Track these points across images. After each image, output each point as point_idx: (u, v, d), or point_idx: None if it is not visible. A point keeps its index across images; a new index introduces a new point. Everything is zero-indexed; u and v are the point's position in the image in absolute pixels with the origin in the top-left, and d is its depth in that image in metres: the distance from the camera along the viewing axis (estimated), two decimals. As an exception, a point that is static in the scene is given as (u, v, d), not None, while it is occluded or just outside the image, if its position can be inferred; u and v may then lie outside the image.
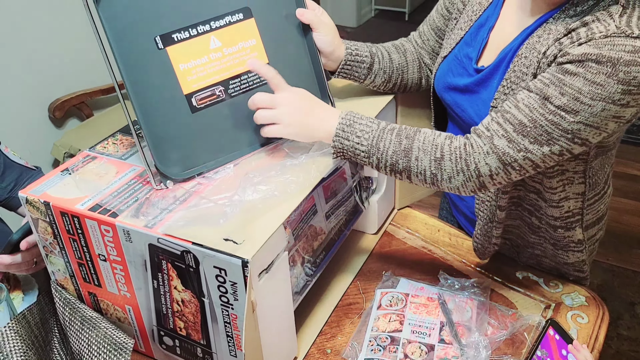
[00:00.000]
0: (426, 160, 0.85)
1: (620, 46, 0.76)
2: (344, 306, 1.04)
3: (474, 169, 0.84)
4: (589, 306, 1.01)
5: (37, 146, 2.25)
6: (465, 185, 0.86)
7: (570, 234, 1.00)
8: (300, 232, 0.94)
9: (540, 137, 0.81)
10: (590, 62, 0.77)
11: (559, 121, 0.79)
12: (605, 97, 0.77)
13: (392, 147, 0.86)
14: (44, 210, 0.85)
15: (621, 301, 2.15)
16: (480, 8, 0.99)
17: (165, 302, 0.84)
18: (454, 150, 0.84)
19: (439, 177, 0.86)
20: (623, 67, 0.75)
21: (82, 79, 2.34)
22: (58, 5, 2.18)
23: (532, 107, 0.81)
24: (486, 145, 0.83)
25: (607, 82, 0.76)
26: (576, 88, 0.78)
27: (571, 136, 0.80)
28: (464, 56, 1.00)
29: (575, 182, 0.95)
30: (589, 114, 0.78)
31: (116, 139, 0.99)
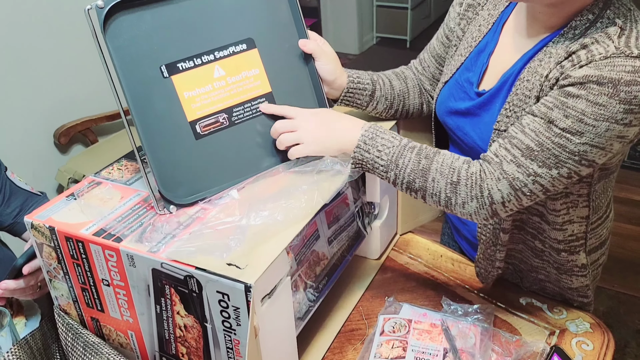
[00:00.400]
0: (442, 183, 0.86)
1: (620, 66, 0.77)
2: (347, 332, 1.03)
3: (487, 196, 0.85)
4: (594, 333, 1.00)
5: (42, 172, 2.27)
6: (478, 212, 0.86)
7: (573, 257, 1.00)
8: (302, 258, 0.95)
9: (548, 161, 0.82)
10: (592, 84, 0.78)
11: (565, 143, 0.81)
12: (609, 117, 0.78)
13: (411, 165, 0.87)
14: (49, 235, 0.86)
15: (628, 328, 2.13)
16: (480, 34, 1.01)
17: (168, 327, 0.84)
18: (470, 175, 0.85)
19: (453, 201, 0.86)
20: (624, 87, 0.77)
21: (88, 105, 2.37)
22: (64, 31, 2.22)
23: (538, 131, 0.82)
24: (496, 171, 0.84)
25: (609, 102, 0.78)
26: (579, 110, 0.79)
27: (578, 158, 0.81)
28: (465, 81, 1.01)
29: (579, 206, 0.95)
30: (594, 134, 0.79)
31: (121, 165, 1.00)
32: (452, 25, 1.08)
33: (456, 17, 1.07)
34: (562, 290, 1.07)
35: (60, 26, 2.20)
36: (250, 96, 0.93)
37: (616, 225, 1.09)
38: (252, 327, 0.74)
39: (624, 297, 2.26)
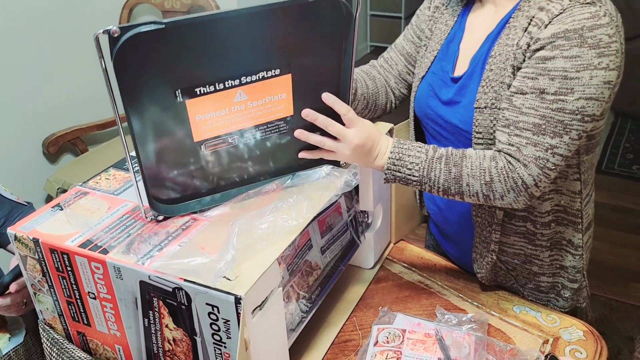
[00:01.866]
0: (477, 185, 0.90)
1: (579, 15, 0.84)
2: (340, 343, 1.01)
3: (521, 184, 0.88)
4: (587, 340, 1.00)
5: (30, 182, 2.24)
6: (517, 200, 0.90)
7: (561, 229, 1.04)
8: (295, 268, 0.93)
9: (557, 129, 0.86)
10: (560, 40, 0.84)
11: (562, 106, 0.85)
12: (587, 64, 0.83)
13: (443, 175, 0.91)
14: (33, 247, 0.84)
15: (620, 335, 2.12)
16: (447, 28, 1.07)
17: (156, 341, 0.82)
18: (501, 171, 0.89)
19: (492, 197, 0.90)
20: (588, 33, 0.83)
21: (77, 114, 2.35)
22: (54, 40, 2.21)
23: (535, 106, 0.87)
24: (520, 159, 0.88)
25: (581, 51, 0.83)
26: (560, 68, 0.84)
27: (580, 116, 0.86)
28: (440, 70, 1.06)
29: (569, 178, 0.99)
30: (582, 86, 0.84)
31: (109, 174, 0.98)
32: (424, 26, 1.13)
33: (428, 21, 1.13)
34: (553, 277, 1.07)
35: (49, 35, 2.18)
36: (268, 119, 0.87)
37: (607, 232, 1.11)
38: (243, 340, 0.73)
39: (616, 304, 2.26)
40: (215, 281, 0.72)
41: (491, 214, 1.03)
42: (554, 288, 1.09)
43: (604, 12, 0.84)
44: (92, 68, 2.38)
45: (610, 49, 0.84)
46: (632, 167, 3.11)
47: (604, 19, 0.83)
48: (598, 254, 1.17)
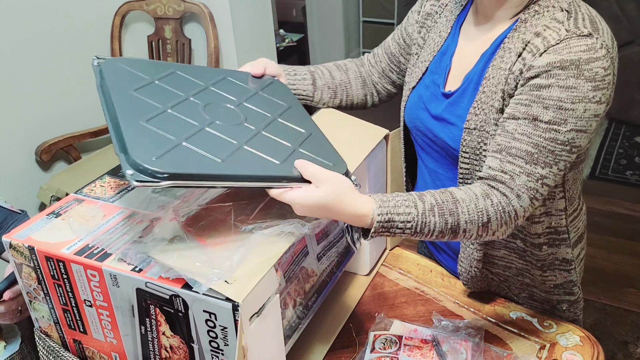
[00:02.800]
0: (475, 229, 0.86)
1: (576, 47, 0.83)
2: (337, 350, 1.01)
3: (514, 217, 0.87)
4: (584, 346, 1.00)
5: (24, 190, 2.23)
6: (505, 232, 0.88)
7: (553, 251, 1.03)
8: (291, 275, 0.93)
9: (548, 159, 0.85)
10: (556, 70, 0.83)
11: (555, 136, 0.84)
12: (582, 97, 0.82)
13: (439, 227, 0.85)
14: (28, 255, 0.83)
15: (615, 340, 2.13)
16: (441, 39, 1.06)
17: (153, 348, 0.81)
18: (497, 209, 0.86)
19: (484, 235, 0.88)
20: (585, 66, 0.82)
21: (70, 122, 2.34)
22: (46, 48, 2.20)
23: (528, 134, 0.85)
24: (514, 188, 0.86)
25: (578, 83, 0.82)
26: (555, 98, 0.83)
27: (569, 147, 0.85)
28: (432, 82, 1.05)
29: (556, 198, 0.98)
30: (575, 118, 0.83)
31: (104, 182, 0.98)
32: (411, 31, 1.13)
33: (415, 25, 1.12)
34: (548, 294, 1.07)
35: (41, 43, 2.18)
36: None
37: (601, 238, 1.11)
38: (241, 347, 0.72)
39: (610, 309, 2.26)
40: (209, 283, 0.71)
41: None
42: (549, 301, 1.09)
43: (600, 44, 0.83)
44: (84, 76, 2.38)
45: (604, 82, 0.83)
46: (625, 172, 3.13)
47: (600, 51, 0.82)
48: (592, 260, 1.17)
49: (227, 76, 1.00)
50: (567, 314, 1.09)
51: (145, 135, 0.76)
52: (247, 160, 0.79)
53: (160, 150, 0.73)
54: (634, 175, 3.11)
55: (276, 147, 0.85)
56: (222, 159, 0.77)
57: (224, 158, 0.77)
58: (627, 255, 2.55)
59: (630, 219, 2.80)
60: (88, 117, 2.42)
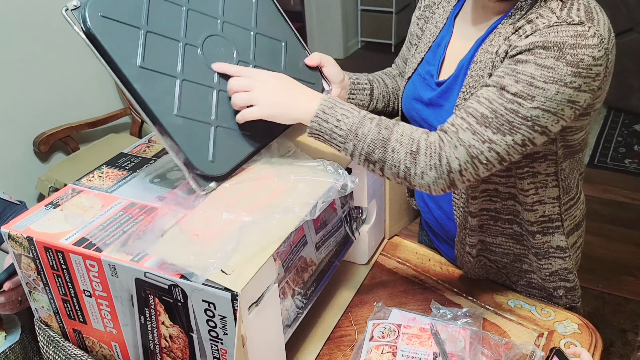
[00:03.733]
0: (402, 153, 0.85)
1: (564, 32, 0.81)
2: (336, 339, 1.02)
3: (445, 164, 0.84)
4: (582, 333, 1.00)
5: (22, 181, 2.23)
6: (436, 182, 0.86)
7: (547, 239, 1.03)
8: (290, 264, 0.93)
9: (502, 127, 0.83)
10: (538, 49, 0.82)
11: (517, 108, 0.82)
12: (557, 79, 0.81)
13: (371, 135, 0.85)
14: (27, 246, 0.83)
15: (613, 328, 2.14)
16: (436, 30, 1.06)
17: (153, 338, 0.82)
18: (429, 144, 0.85)
19: (412, 171, 0.85)
20: (569, 50, 0.80)
21: (68, 112, 2.34)
22: (44, 38, 2.19)
23: (491, 99, 0.84)
24: (453, 139, 0.84)
25: (557, 64, 0.80)
26: (529, 74, 0.82)
27: (531, 123, 0.83)
28: (426, 73, 1.05)
29: (549, 186, 0.98)
30: (544, 97, 0.81)
31: (102, 172, 0.98)
32: (413, 29, 1.14)
33: (417, 21, 1.13)
34: (545, 281, 1.08)
35: (39, 33, 2.17)
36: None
37: (600, 227, 1.11)
38: (240, 336, 0.73)
39: (609, 297, 2.27)
40: (206, 274, 0.71)
41: (465, 218, 1.03)
42: (546, 289, 1.09)
43: (592, 33, 0.81)
44: (82, 66, 2.37)
45: (590, 72, 0.81)
46: (624, 160, 3.13)
47: (591, 39, 0.80)
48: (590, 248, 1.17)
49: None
50: (565, 300, 1.09)
51: (187, 132, 0.85)
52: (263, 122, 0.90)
53: (208, 148, 0.86)
54: (633, 163, 3.11)
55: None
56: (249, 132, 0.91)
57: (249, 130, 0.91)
58: (625, 244, 2.56)
59: (629, 207, 2.80)
60: (86, 107, 2.42)
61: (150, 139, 1.09)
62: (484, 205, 1.02)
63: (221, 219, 0.80)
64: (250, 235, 0.78)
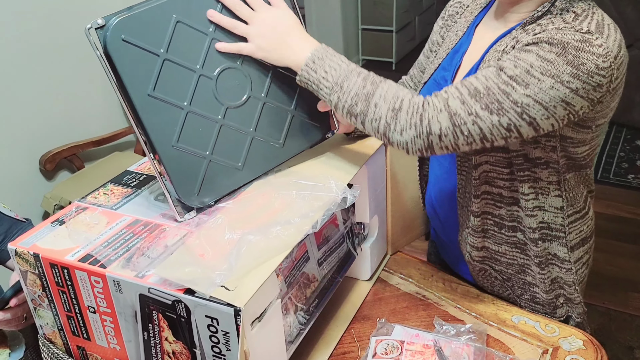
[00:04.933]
0: (384, 109, 0.85)
1: (570, 34, 0.83)
2: (339, 355, 1.02)
3: (426, 125, 0.84)
4: (587, 350, 1.00)
5: (28, 198, 2.24)
6: (414, 141, 0.86)
7: (546, 245, 1.03)
8: (292, 280, 0.93)
9: (492, 105, 0.84)
10: (543, 43, 0.84)
11: (509, 91, 0.83)
12: (554, 74, 0.82)
13: (355, 88, 0.86)
14: (33, 262, 0.84)
15: (619, 345, 2.12)
16: (456, 38, 1.07)
17: (156, 354, 0.82)
18: (413, 104, 0.85)
19: (392, 127, 0.86)
20: (572, 51, 0.82)
21: (74, 131, 2.36)
22: (49, 58, 2.22)
23: (487, 77, 0.85)
24: (441, 103, 0.85)
25: (557, 60, 0.82)
26: (528, 62, 0.83)
27: (520, 110, 0.83)
28: (441, 78, 1.06)
29: (551, 194, 0.99)
30: (538, 88, 0.82)
31: (107, 189, 0.99)
32: (435, 38, 1.15)
33: (439, 30, 1.14)
34: (548, 293, 1.07)
35: (45, 52, 2.20)
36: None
37: (604, 242, 1.11)
38: (242, 351, 0.73)
39: (615, 313, 2.26)
40: (209, 290, 0.72)
41: (467, 218, 1.05)
42: (550, 303, 1.09)
43: (599, 43, 0.82)
44: (88, 85, 2.40)
45: (591, 79, 0.82)
46: (627, 176, 3.13)
47: (597, 48, 0.82)
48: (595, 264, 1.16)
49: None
50: (565, 309, 1.09)
51: (180, 164, 0.88)
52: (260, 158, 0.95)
53: (196, 181, 0.89)
54: (636, 179, 3.11)
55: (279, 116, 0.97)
56: (241, 165, 0.94)
57: (242, 164, 0.94)
58: (630, 259, 2.54)
59: (633, 222, 2.79)
60: (91, 126, 2.44)
61: (155, 156, 1.10)
62: (487, 209, 1.03)
63: (224, 238, 0.81)
64: (252, 251, 0.79)
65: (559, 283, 1.07)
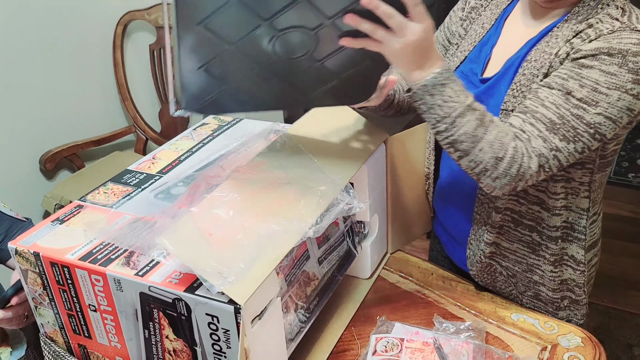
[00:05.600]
0: (488, 155, 0.86)
1: (627, 39, 0.84)
2: (339, 353, 1.02)
3: (520, 174, 0.86)
4: (585, 347, 1.00)
5: (28, 198, 2.24)
6: (503, 187, 0.88)
7: (565, 245, 1.03)
8: (293, 278, 0.94)
9: (568, 134, 0.86)
10: (603, 55, 0.84)
11: (582, 114, 0.85)
12: (620, 86, 0.83)
13: (466, 128, 0.84)
14: (34, 261, 0.84)
15: (618, 343, 2.13)
16: (483, 31, 1.06)
17: (157, 352, 0.82)
18: (514, 154, 0.86)
19: (489, 173, 0.87)
20: (631, 57, 0.83)
21: (74, 131, 2.36)
22: (49, 58, 2.22)
23: (557, 104, 0.86)
24: (528, 148, 0.86)
25: (620, 71, 0.83)
26: (593, 79, 0.84)
27: (593, 131, 0.86)
28: (469, 71, 1.05)
29: (580, 195, 0.99)
30: (607, 104, 0.84)
31: (107, 188, 0.99)
32: (454, 29, 1.13)
33: (459, 22, 1.12)
34: (554, 292, 1.07)
35: (44, 52, 2.20)
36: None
37: (604, 241, 1.11)
38: (243, 349, 0.73)
39: (614, 312, 2.26)
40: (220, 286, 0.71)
41: (488, 214, 1.04)
42: (553, 302, 1.09)
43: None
44: (88, 85, 2.40)
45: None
46: (627, 175, 3.13)
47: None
48: (595, 262, 1.19)
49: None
50: (568, 312, 1.09)
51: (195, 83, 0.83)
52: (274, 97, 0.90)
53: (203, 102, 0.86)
54: (637, 177, 3.11)
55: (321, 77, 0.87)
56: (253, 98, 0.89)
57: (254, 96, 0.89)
58: (630, 258, 2.55)
59: (633, 221, 2.80)
60: (91, 125, 2.44)
61: (155, 155, 1.10)
62: (509, 205, 1.03)
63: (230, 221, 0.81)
64: (253, 248, 0.79)
65: (568, 285, 1.07)
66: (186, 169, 1.03)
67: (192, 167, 1.03)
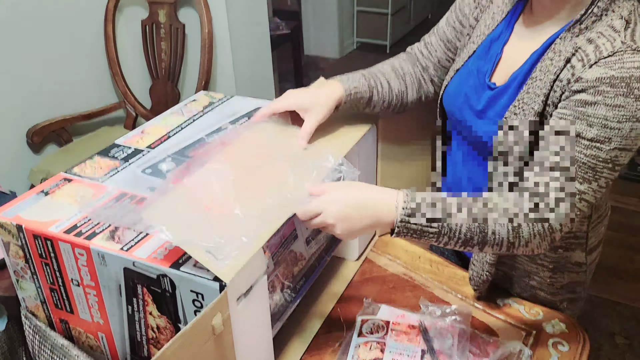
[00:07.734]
0: (504, 232, 0.83)
1: (630, 63, 0.78)
2: (325, 334, 1.02)
3: (547, 228, 0.84)
4: (570, 333, 1.01)
5: (14, 171, 2.22)
6: (540, 245, 0.85)
7: (568, 254, 1.02)
8: (280, 257, 0.93)
9: (587, 175, 0.82)
10: (605, 87, 0.79)
11: (597, 153, 0.81)
12: (630, 116, 0.79)
13: (465, 224, 0.83)
14: (16, 233, 0.83)
15: (601, 331, 2.15)
16: (493, 23, 1.00)
17: (140, 328, 0.81)
18: (528, 213, 0.83)
19: (517, 244, 0.84)
20: (636, 84, 0.78)
21: (62, 105, 2.33)
22: (38, 31, 2.18)
23: (568, 149, 0.82)
24: (549, 203, 0.83)
25: (627, 102, 0.78)
26: (601, 116, 0.79)
27: (611, 165, 0.82)
28: (477, 70, 1.00)
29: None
30: (621, 137, 0.80)
31: (94, 162, 0.97)
32: (467, 11, 1.06)
33: (472, 3, 1.06)
34: (553, 295, 1.06)
35: (33, 25, 2.15)
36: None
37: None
38: (212, 325, 0.72)
39: (598, 300, 2.28)
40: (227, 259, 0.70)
41: None
42: (550, 303, 1.08)
43: None
44: (77, 58, 2.36)
45: None
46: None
47: None
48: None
49: None
50: (567, 312, 1.08)
51: None
52: None
53: None
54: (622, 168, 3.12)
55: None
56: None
57: None
58: (613, 247, 2.56)
59: (619, 210, 2.81)
60: (81, 100, 2.40)
61: (144, 130, 1.08)
62: None
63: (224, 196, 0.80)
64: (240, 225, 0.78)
65: (568, 288, 1.06)
66: (175, 145, 1.01)
67: (180, 142, 1.02)
